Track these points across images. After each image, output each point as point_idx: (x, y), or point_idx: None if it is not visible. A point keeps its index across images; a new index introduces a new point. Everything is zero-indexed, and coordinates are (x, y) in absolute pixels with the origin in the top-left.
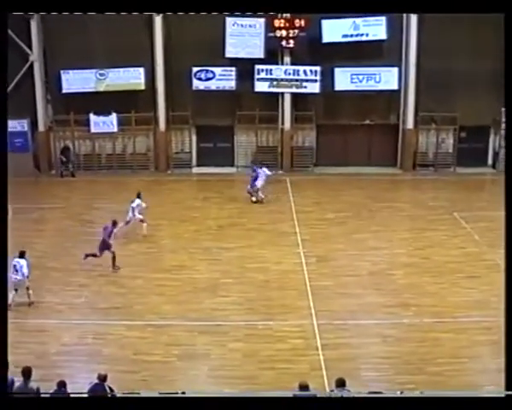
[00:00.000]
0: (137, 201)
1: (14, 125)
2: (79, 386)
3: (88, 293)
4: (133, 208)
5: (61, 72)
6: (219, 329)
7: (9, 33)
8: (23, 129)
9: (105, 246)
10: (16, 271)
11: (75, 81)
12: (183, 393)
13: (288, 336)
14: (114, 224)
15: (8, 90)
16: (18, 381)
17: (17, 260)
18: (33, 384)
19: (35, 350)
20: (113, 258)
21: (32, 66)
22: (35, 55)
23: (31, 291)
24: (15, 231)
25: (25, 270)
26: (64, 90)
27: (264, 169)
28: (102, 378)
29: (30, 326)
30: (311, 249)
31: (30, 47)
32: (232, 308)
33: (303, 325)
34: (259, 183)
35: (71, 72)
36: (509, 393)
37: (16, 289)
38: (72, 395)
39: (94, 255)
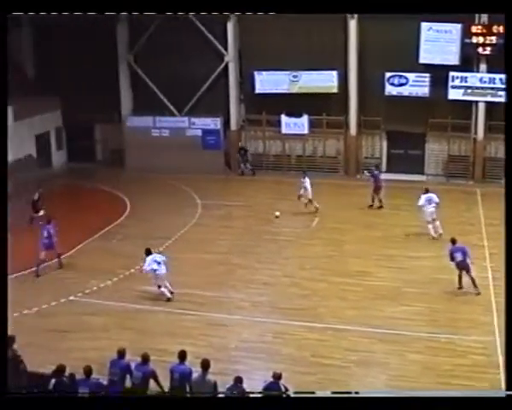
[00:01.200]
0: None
1: (207, 122)
2: (255, 383)
3: (270, 292)
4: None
5: (255, 72)
6: (400, 338)
7: (206, 34)
8: (216, 127)
9: None
10: (159, 263)
11: (268, 82)
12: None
13: (470, 351)
14: None
15: (203, 89)
16: (196, 372)
17: (156, 255)
18: (211, 377)
19: (215, 344)
20: None
21: (226, 66)
22: (230, 56)
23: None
24: (203, 226)
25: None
26: (257, 91)
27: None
28: (277, 377)
29: (212, 320)
30: (499, 264)
31: (225, 48)
32: (415, 318)
33: (486, 342)
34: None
35: (264, 73)
36: (509, 393)
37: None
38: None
39: None
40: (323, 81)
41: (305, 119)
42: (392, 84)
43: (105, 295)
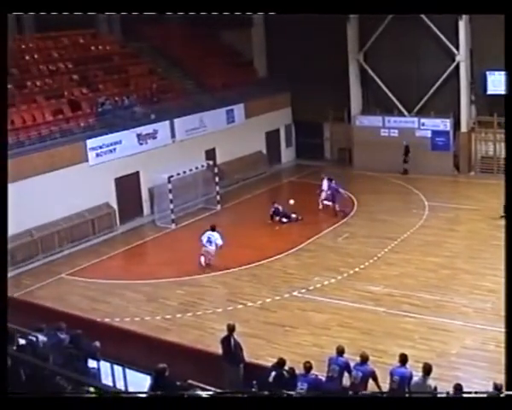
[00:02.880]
0: None
1: (437, 123)
2: None
3: (495, 299)
4: None
5: (487, 73)
6: None
7: (437, 33)
8: (445, 128)
9: None
10: (210, 242)
11: (501, 83)
12: None
13: None
14: None
15: (433, 89)
16: (416, 375)
17: (210, 232)
18: (431, 382)
19: (436, 348)
20: None
21: (458, 66)
22: (462, 56)
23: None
24: (429, 228)
25: (218, 241)
26: (489, 92)
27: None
28: (500, 387)
29: (433, 324)
30: None
31: (457, 47)
32: None
33: None
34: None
35: (496, 73)
36: (509, 393)
37: (203, 255)
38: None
39: None
40: None
41: None
42: None
43: (328, 293)
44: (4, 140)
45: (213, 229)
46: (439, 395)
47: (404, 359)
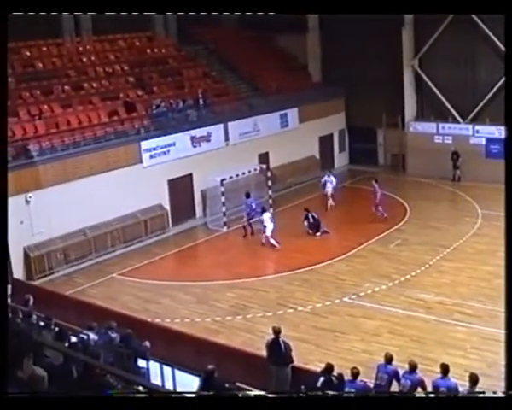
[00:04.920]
0: None
1: (491, 131)
2: None
3: None
4: None
5: None
6: None
7: (493, 39)
8: (500, 136)
9: None
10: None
11: None
12: None
13: None
14: None
15: (488, 96)
16: (462, 386)
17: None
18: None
19: (488, 358)
20: None
21: None
22: None
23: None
24: (482, 236)
25: (267, 224)
26: None
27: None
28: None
29: (485, 334)
30: None
31: None
32: None
33: None
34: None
35: None
36: (509, 393)
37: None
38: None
39: None
40: None
41: None
42: None
43: (379, 300)
44: (4, 140)
45: (264, 210)
46: (439, 396)
47: (445, 369)
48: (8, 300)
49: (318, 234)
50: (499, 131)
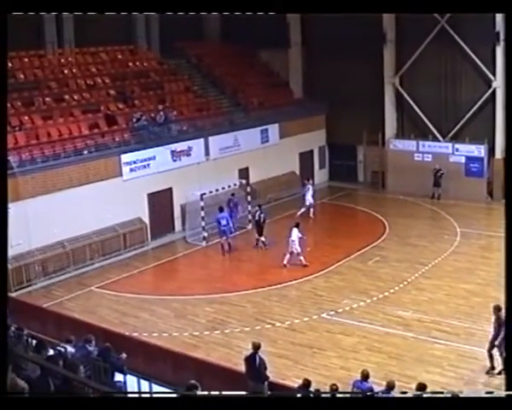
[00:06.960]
0: None
1: (471, 149)
2: None
3: None
4: None
5: None
6: None
7: (473, 58)
8: (480, 154)
9: None
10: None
11: None
12: None
13: None
14: None
15: (468, 115)
16: None
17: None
18: None
19: (465, 376)
20: None
21: (494, 92)
22: (498, 82)
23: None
24: (460, 254)
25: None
26: None
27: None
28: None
29: (463, 351)
30: None
31: (493, 73)
32: None
33: None
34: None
35: None
36: (509, 393)
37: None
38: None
39: None
40: None
41: None
42: None
43: (357, 316)
44: (4, 140)
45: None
46: (438, 396)
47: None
48: None
49: (261, 238)
50: (479, 150)
